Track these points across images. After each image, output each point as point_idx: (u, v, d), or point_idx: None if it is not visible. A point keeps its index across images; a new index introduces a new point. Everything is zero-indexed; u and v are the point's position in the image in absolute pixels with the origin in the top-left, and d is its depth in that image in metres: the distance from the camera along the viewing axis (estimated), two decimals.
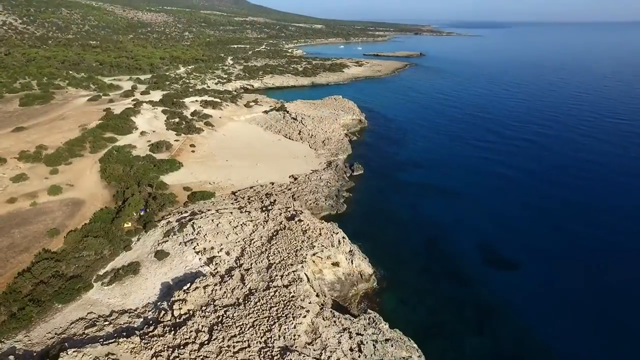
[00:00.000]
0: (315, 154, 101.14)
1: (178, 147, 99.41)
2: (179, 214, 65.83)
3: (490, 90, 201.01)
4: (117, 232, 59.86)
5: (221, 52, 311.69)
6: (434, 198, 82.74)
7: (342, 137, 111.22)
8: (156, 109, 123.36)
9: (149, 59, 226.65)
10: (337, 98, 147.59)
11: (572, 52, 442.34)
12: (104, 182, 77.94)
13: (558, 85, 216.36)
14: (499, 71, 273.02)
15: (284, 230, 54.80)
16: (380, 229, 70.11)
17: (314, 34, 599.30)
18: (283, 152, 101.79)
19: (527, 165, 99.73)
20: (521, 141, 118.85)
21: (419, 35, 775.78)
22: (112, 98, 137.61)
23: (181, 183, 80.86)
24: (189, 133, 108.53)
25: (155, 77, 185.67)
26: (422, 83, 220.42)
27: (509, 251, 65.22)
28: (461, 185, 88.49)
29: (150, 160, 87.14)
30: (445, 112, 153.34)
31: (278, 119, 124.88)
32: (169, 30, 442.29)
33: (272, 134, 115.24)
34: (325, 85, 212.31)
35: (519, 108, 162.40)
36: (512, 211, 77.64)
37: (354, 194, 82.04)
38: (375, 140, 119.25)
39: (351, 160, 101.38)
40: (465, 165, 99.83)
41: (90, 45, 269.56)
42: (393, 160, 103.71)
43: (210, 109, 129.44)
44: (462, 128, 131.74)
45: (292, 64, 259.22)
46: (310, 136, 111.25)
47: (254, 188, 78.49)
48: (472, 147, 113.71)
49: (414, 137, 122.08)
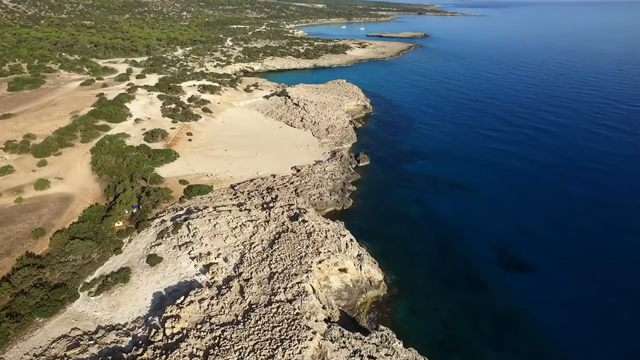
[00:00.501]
0: (319, 142, 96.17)
1: (174, 136, 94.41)
2: (174, 212, 61.51)
3: (497, 73, 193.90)
4: (107, 232, 55.67)
5: (220, 33, 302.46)
6: (443, 192, 78.17)
7: (346, 125, 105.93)
8: (152, 94, 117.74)
9: (146, 40, 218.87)
10: (341, 82, 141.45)
11: (580, 32, 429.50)
12: (95, 175, 73.38)
13: (567, 69, 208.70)
14: (505, 53, 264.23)
15: (287, 232, 50.50)
16: (389, 226, 65.88)
17: (315, 13, 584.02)
18: (285, 140, 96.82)
19: (538, 158, 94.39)
20: (531, 130, 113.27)
21: (422, 15, 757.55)
22: (106, 82, 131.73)
23: (177, 175, 76.32)
24: (186, 120, 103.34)
25: (151, 60, 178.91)
26: (427, 66, 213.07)
27: (524, 252, 61.05)
28: (471, 178, 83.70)
29: (144, 151, 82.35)
30: (451, 98, 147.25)
31: (279, 104, 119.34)
32: (166, 9, 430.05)
33: (273, 121, 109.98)
34: (327, 68, 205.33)
35: (527, 93, 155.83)
36: (526, 208, 73.05)
37: (360, 188, 77.52)
38: (380, 127, 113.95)
39: (356, 149, 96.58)
40: (475, 157, 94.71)
41: (85, 26, 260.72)
42: (400, 149, 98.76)
43: (209, 94, 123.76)
44: (469, 115, 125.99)
45: (293, 46, 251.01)
46: (313, 123, 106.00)
47: (254, 181, 73.93)
48: (480, 136, 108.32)
49: (421, 125, 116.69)
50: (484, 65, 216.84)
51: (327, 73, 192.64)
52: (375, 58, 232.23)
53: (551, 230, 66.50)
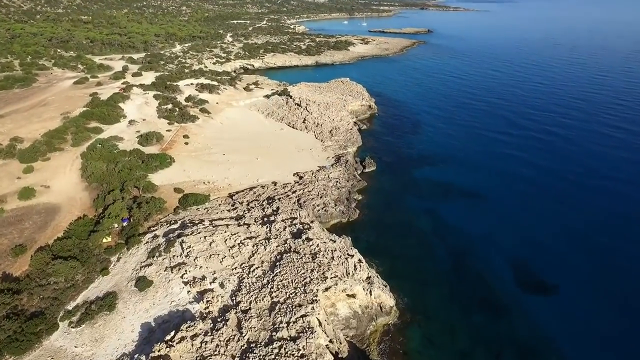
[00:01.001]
0: (322, 146, 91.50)
1: (170, 139, 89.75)
2: (167, 225, 57.03)
3: (504, 72, 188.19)
4: (94, 249, 51.28)
5: (220, 28, 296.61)
6: (454, 202, 73.56)
7: (351, 127, 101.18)
8: (147, 94, 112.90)
9: (143, 36, 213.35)
10: (345, 81, 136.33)
11: (586, 28, 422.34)
12: (84, 183, 68.88)
13: (574, 66, 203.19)
14: (510, 50, 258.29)
15: (290, 253, 46.03)
16: (398, 241, 61.42)
17: (317, 8, 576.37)
18: (286, 143, 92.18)
19: (551, 164, 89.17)
20: (541, 133, 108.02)
21: (425, 10, 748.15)
22: (101, 80, 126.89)
23: (172, 183, 71.79)
24: (183, 121, 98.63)
25: (149, 57, 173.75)
26: (432, 63, 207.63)
27: (543, 270, 56.61)
28: (481, 186, 78.87)
29: (138, 156, 77.75)
30: (458, 98, 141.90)
31: (280, 104, 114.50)
32: (165, 4, 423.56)
33: (274, 122, 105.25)
34: (330, 65, 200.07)
35: (535, 92, 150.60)
36: (541, 220, 68.30)
37: (367, 196, 72.96)
38: (386, 129, 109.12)
39: (361, 153, 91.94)
40: (484, 163, 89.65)
41: (82, 21, 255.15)
42: (407, 153, 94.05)
43: (207, 93, 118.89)
44: (476, 117, 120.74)
45: (294, 42, 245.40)
46: (316, 125, 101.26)
47: (254, 190, 69.37)
48: (489, 140, 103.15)
49: (427, 127, 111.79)
50: (489, 62, 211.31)
51: (329, 70, 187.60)
52: (378, 55, 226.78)
53: (570, 245, 62.02)
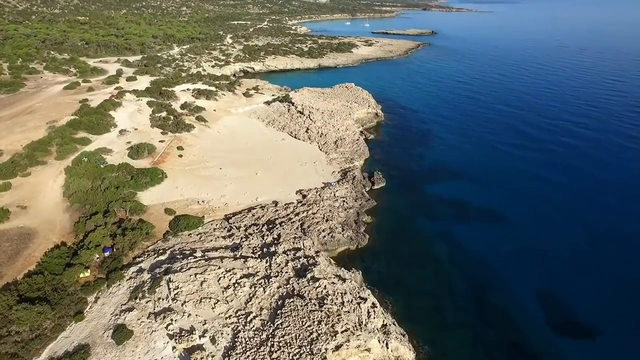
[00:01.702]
0: (327, 158, 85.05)
1: (163, 151, 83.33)
2: (155, 255, 50.62)
3: (512, 76, 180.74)
4: (69, 287, 44.90)
5: (220, 29, 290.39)
6: (470, 224, 66.98)
7: (357, 137, 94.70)
8: (141, 100, 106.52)
9: (140, 37, 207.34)
10: (350, 86, 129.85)
11: (591, 28, 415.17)
12: (66, 203, 62.59)
13: (584, 70, 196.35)
14: (516, 52, 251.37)
15: (293, 298, 39.58)
16: (413, 272, 54.95)
17: (319, 9, 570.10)
18: (288, 156, 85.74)
19: (574, 183, 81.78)
20: (559, 146, 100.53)
21: (427, 11, 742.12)
22: (93, 85, 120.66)
23: (162, 202, 65.39)
24: (177, 131, 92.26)
25: (145, 59, 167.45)
26: (437, 67, 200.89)
27: (577, 308, 50.21)
28: (499, 207, 71.94)
29: (127, 170, 71.36)
30: (466, 106, 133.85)
31: (282, 112, 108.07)
32: (165, 4, 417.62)
33: (275, 131, 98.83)
34: (333, 68, 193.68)
35: (545, 99, 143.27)
36: (569, 247, 61.54)
37: (377, 218, 66.45)
38: (394, 139, 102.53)
39: (369, 166, 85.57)
40: (499, 180, 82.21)
41: (78, 22, 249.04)
42: (417, 167, 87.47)
43: (204, 99, 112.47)
44: (488, 127, 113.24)
45: (296, 43, 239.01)
46: (320, 135, 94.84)
47: (253, 211, 62.89)
48: (502, 153, 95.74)
49: (437, 137, 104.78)
50: (495, 66, 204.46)
51: (332, 74, 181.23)
52: (382, 57, 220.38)
53: (604, 278, 55.48)
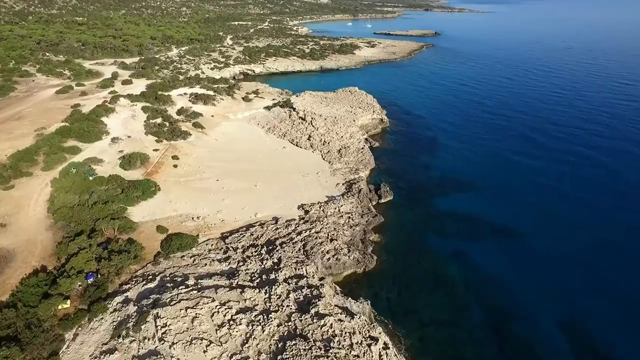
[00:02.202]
0: (330, 169, 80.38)
1: (157, 161, 78.72)
2: (143, 282, 46.03)
3: (517, 79, 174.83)
4: (45, 321, 40.33)
5: (220, 30, 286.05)
6: (483, 243, 62.23)
7: (362, 145, 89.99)
8: (135, 106, 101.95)
9: (138, 38, 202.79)
10: (353, 90, 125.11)
11: (595, 29, 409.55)
12: (50, 219, 58.08)
13: (594, 72, 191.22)
14: (521, 54, 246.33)
15: (296, 340, 34.94)
16: (425, 299, 50.24)
17: (320, 10, 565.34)
18: (289, 166, 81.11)
19: (593, 197, 76.36)
20: (572, 155, 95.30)
21: (429, 11, 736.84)
22: (87, 89, 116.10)
23: (154, 219, 60.83)
24: (173, 139, 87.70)
25: (143, 61, 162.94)
26: (442, 69, 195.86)
27: (606, 341, 45.39)
28: (513, 223, 66.79)
29: (117, 183, 66.79)
30: (473, 111, 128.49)
31: (283, 118, 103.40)
32: (165, 5, 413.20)
33: (276, 139, 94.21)
34: (335, 70, 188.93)
35: (554, 105, 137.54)
36: (595, 273, 56.60)
37: (385, 236, 61.73)
38: (400, 147, 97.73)
39: (375, 177, 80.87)
40: (512, 194, 77.33)
41: (76, 22, 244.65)
42: (425, 178, 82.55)
43: (201, 104, 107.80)
44: (496, 135, 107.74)
45: (297, 45, 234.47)
46: (322, 143, 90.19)
47: (252, 230, 58.22)
48: (513, 164, 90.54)
49: (444, 145, 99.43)
50: (500, 69, 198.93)
51: (335, 76, 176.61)
52: (385, 59, 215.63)
53: (631, 307, 50.72)
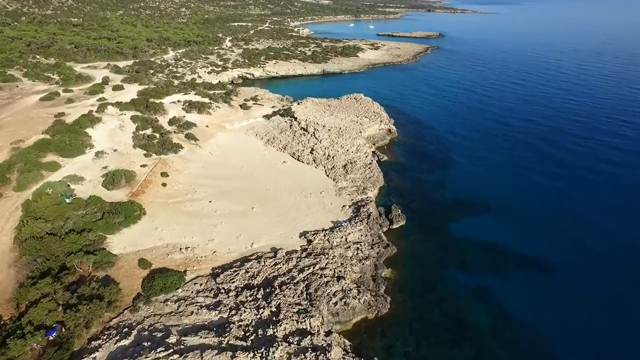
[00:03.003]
0: (335, 187, 72.90)
1: (144, 178, 71.36)
2: (117, 337, 38.60)
3: (527, 85, 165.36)
4: None
5: (219, 32, 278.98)
6: (511, 278, 54.54)
7: (369, 160, 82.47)
8: (124, 115, 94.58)
9: (134, 40, 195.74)
10: (359, 97, 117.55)
11: (602, 31, 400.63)
12: (15, 252, 50.70)
13: (608, 78, 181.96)
14: (529, 57, 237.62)
15: None
16: (449, 353, 42.67)
17: (322, 10, 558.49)
18: (290, 184, 73.67)
19: (626, 229, 65.92)
20: (596, 174, 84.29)
21: (432, 12, 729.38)
22: (74, 95, 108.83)
23: (137, 250, 53.48)
24: (163, 152, 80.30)
25: (137, 65, 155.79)
26: (449, 74, 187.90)
27: None
28: (541, 254, 58.29)
29: (98, 206, 59.38)
30: (485, 122, 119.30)
31: (283, 128, 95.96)
32: (164, 5, 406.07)
33: (275, 152, 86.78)
34: (338, 74, 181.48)
35: (572, 113, 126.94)
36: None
37: (398, 271, 54.18)
38: (410, 161, 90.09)
39: (384, 197, 73.38)
40: (535, 218, 68.69)
41: (71, 23, 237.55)
42: (439, 198, 74.74)
43: (195, 113, 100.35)
44: (512, 149, 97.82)
45: (298, 47, 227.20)
46: (326, 157, 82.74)
47: (247, 266, 50.74)
48: (533, 184, 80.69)
49: (457, 161, 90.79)
50: (509, 73, 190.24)
51: (338, 81, 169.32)
52: (390, 62, 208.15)
53: None
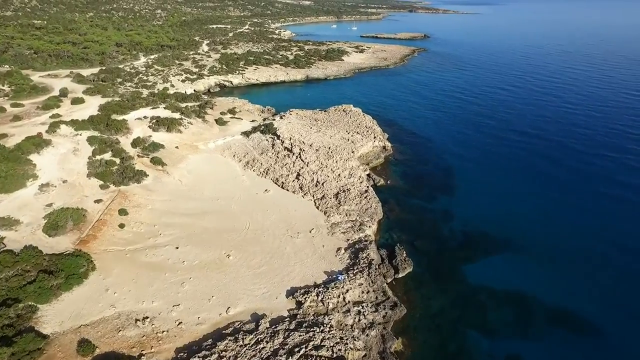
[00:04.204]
0: (327, 223, 61.97)
1: (98, 218, 59.08)
2: None
3: (520, 92, 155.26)
4: None
5: (197, 35, 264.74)
6: (549, 343, 44.65)
7: (365, 187, 71.64)
8: (80, 135, 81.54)
9: (102, 45, 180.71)
10: (348, 109, 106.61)
11: (588, 32, 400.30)
12: None
13: (602, 82, 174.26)
14: (518, 59, 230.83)
15: None
16: None
17: (303, 11, 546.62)
18: (273, 220, 62.41)
19: None
20: (618, 202, 74.17)
21: (413, 12, 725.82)
22: (23, 112, 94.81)
23: (79, 325, 41.58)
24: (124, 182, 68.03)
25: (103, 72, 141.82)
26: (439, 78, 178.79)
27: None
28: (574, 307, 49.03)
29: (32, 262, 47.03)
30: (484, 133, 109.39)
31: (264, 148, 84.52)
32: (138, 7, 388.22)
33: (256, 178, 75.30)
34: (322, 80, 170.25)
35: (572, 125, 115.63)
36: None
37: (410, 341, 43.50)
38: (409, 184, 79.30)
39: (385, 233, 62.82)
40: (557, 259, 58.62)
41: (33, 26, 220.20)
42: (446, 232, 64.05)
43: (164, 131, 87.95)
44: (516, 169, 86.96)
45: (280, 50, 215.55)
46: (315, 184, 71.71)
47: (220, 348, 39.32)
48: (548, 215, 69.78)
49: (460, 182, 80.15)
50: (501, 78, 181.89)
51: (323, 87, 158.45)
52: (377, 66, 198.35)
53: None
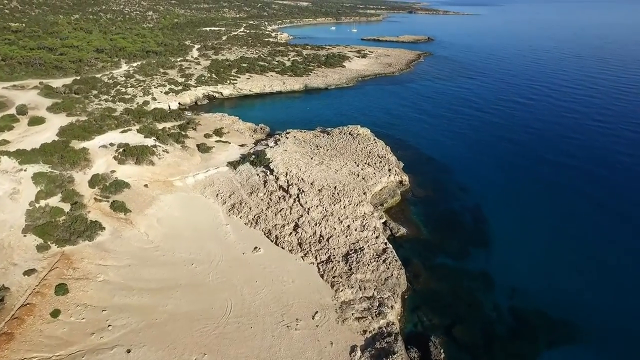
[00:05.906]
0: (334, 302, 46.28)
1: (24, 301, 43.13)
2: None
3: (541, 103, 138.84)
4: None
5: (188, 38, 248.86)
6: None
7: (382, 245, 55.79)
8: (24, 171, 65.56)
9: (80, 51, 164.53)
10: (355, 132, 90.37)
11: (594, 34, 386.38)
12: None
13: (627, 92, 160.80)
14: (531, 65, 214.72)
15: None
16: None
17: (300, 13, 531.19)
18: (264, 297, 46.64)
19: None
20: None
21: (413, 14, 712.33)
22: None
23: None
24: (70, 240, 52.15)
25: (77, 83, 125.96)
26: (450, 88, 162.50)
27: None
28: None
29: None
30: (514, 154, 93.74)
31: (254, 185, 68.74)
32: (129, 8, 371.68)
33: (243, 228, 59.49)
34: (323, 90, 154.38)
35: (609, 144, 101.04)
36: None
37: None
38: (435, 234, 62.86)
39: (412, 314, 47.12)
40: None
41: (9, 29, 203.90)
42: (491, 308, 48.28)
43: (132, 163, 71.92)
44: (564, 206, 71.93)
45: (276, 56, 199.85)
46: (318, 239, 55.96)
47: None
48: (618, 274, 56.36)
49: (498, 229, 62.79)
50: (517, 86, 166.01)
51: (323, 99, 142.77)
52: (381, 73, 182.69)
53: None
